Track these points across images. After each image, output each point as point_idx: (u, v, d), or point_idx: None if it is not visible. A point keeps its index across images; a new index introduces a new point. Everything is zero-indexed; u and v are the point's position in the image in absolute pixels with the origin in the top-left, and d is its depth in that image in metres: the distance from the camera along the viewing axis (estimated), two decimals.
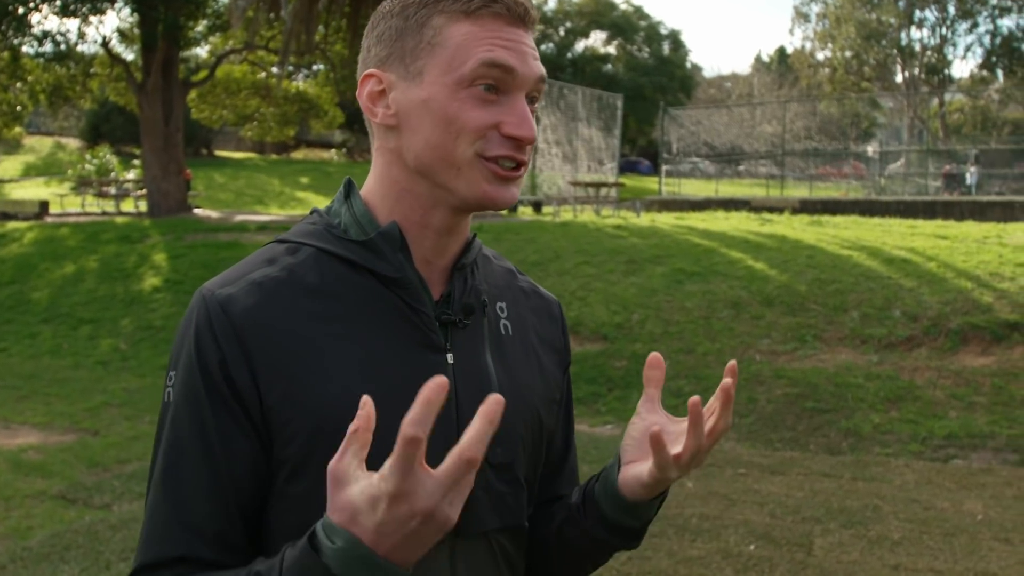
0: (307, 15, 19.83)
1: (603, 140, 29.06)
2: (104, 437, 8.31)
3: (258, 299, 1.20)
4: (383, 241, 1.24)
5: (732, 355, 9.53)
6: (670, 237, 14.29)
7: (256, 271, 1.24)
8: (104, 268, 16.48)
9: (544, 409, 1.38)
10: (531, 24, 1.24)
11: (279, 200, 36.04)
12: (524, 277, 1.48)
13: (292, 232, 1.30)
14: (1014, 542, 5.44)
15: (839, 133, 44.45)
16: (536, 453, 1.37)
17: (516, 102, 1.21)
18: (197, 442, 1.18)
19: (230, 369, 1.17)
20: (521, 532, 1.35)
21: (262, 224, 19.49)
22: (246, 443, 1.18)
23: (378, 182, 1.29)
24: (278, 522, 1.21)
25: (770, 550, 5.29)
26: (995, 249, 11.99)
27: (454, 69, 1.19)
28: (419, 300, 1.25)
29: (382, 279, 1.24)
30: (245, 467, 1.18)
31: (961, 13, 49.43)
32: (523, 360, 1.36)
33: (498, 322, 1.35)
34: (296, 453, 1.18)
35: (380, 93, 1.25)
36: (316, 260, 1.25)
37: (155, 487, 1.20)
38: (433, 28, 1.21)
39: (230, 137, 54.84)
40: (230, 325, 1.18)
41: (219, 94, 29.86)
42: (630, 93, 43.53)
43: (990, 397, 8.26)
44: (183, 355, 1.21)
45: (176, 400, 1.20)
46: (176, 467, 1.18)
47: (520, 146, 1.21)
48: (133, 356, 12.35)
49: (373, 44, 1.27)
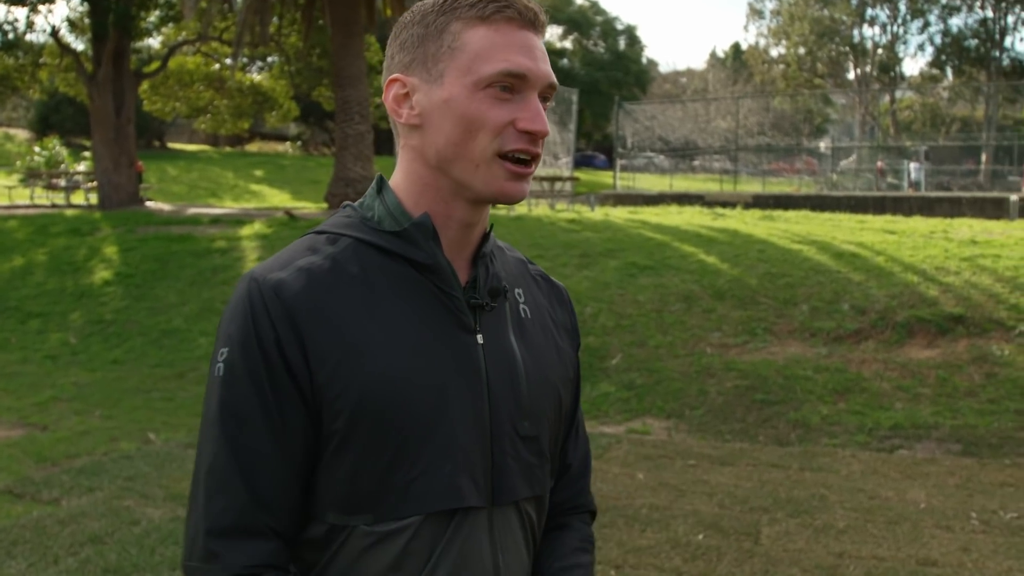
0: (261, 6, 19.68)
1: (558, 134, 29.09)
2: (53, 432, 8.22)
3: (307, 284, 1.30)
4: (417, 231, 1.35)
5: (684, 348, 9.63)
6: (623, 231, 14.38)
7: (302, 259, 1.34)
8: (53, 261, 16.26)
9: (563, 386, 1.50)
10: (541, 28, 1.36)
11: (233, 193, 35.72)
12: (534, 266, 1.60)
13: (329, 224, 1.41)
14: (955, 529, 5.56)
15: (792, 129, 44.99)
16: (556, 427, 1.49)
17: (530, 100, 1.32)
18: (259, 414, 1.27)
19: (284, 348, 1.27)
20: (544, 501, 1.47)
21: (215, 217, 19.32)
22: (300, 417, 1.28)
23: (403, 177, 1.40)
24: (326, 492, 1.31)
25: (718, 539, 5.37)
26: (941, 244, 12.21)
27: (473, 72, 1.30)
28: (450, 285, 1.36)
29: (416, 266, 1.35)
30: (299, 438, 1.29)
31: (912, 12, 50.08)
32: (543, 341, 1.48)
33: (518, 306, 1.47)
34: (343, 427, 1.28)
35: (404, 96, 1.37)
36: (355, 250, 1.36)
37: (216, 454, 1.28)
38: (452, 34, 1.32)
39: (183, 129, 54.25)
40: (283, 308, 1.28)
41: (172, 86, 29.56)
42: (586, 88, 43.65)
43: (935, 389, 8.42)
44: (238, 334, 1.29)
45: (233, 376, 1.29)
46: (239, 436, 1.28)
47: (534, 140, 1.33)
48: (83, 350, 12.21)
49: (397, 51, 1.38)
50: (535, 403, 1.41)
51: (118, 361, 11.60)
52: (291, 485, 1.29)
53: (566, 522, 1.56)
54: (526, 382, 1.39)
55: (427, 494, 1.29)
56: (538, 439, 1.41)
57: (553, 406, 1.45)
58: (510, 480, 1.36)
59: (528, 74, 1.30)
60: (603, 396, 8.93)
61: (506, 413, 1.36)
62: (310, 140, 56.26)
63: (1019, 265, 10.70)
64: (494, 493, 1.35)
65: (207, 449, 1.29)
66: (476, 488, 1.33)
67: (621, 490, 6.29)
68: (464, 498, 1.31)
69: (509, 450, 1.36)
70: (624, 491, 6.25)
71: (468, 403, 1.33)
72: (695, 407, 8.48)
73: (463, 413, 1.32)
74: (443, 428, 1.30)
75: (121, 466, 6.91)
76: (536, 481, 1.41)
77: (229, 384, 1.28)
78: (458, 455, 1.31)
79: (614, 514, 5.73)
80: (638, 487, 6.38)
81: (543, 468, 1.43)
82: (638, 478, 6.59)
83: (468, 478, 1.32)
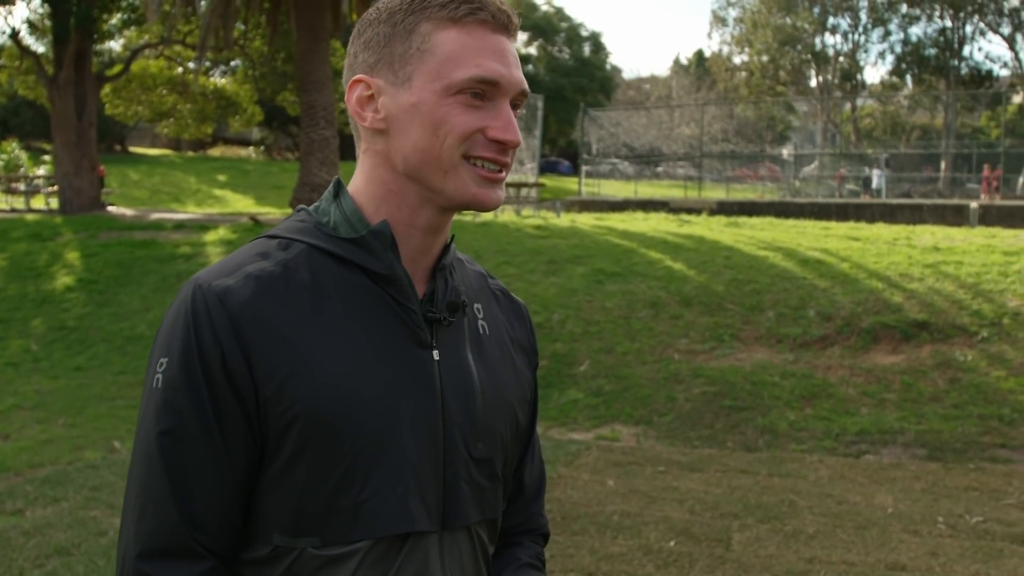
0: (225, 10, 19.52)
1: (524, 140, 29.10)
2: (15, 441, 8.10)
3: (254, 292, 1.23)
4: (374, 239, 1.28)
5: (651, 354, 9.66)
6: (590, 237, 14.41)
7: (251, 264, 1.27)
8: (14, 267, 16.03)
9: (519, 407, 1.43)
10: (514, 32, 1.30)
11: (196, 198, 35.41)
12: (495, 281, 1.53)
13: (281, 228, 1.34)
14: (922, 534, 5.62)
15: (755, 136, 45.30)
16: (512, 449, 1.43)
17: (502, 108, 1.27)
18: (197, 430, 1.21)
19: (228, 361, 1.20)
20: (496, 524, 1.41)
21: (179, 222, 19.15)
22: (243, 433, 1.22)
23: (366, 183, 1.33)
24: (272, 512, 1.25)
25: (690, 545, 5.38)
26: (904, 251, 12.35)
27: (443, 76, 1.24)
28: (407, 297, 1.30)
29: (372, 276, 1.28)
30: (241, 455, 1.22)
31: (873, 21, 50.65)
32: (500, 359, 1.41)
33: (476, 322, 1.41)
34: (289, 444, 1.22)
35: (369, 98, 1.30)
36: (308, 256, 1.28)
37: (148, 471, 1.22)
38: (421, 35, 1.26)
39: (145, 133, 53.75)
40: (228, 317, 1.21)
41: (135, 89, 29.31)
42: (551, 94, 43.79)
43: (900, 394, 8.51)
44: (178, 344, 1.22)
45: (172, 388, 1.22)
46: (174, 454, 1.21)
47: (504, 149, 1.27)
48: (45, 357, 12.04)
49: (360, 50, 1.31)
50: (490, 424, 1.34)
51: (81, 368, 11.46)
52: (230, 504, 1.22)
53: (518, 541, 1.51)
54: (482, 402, 1.33)
55: (377, 517, 1.23)
56: (491, 461, 1.35)
57: (508, 427, 1.39)
58: (462, 504, 1.30)
59: (501, 81, 1.24)
60: (571, 403, 8.94)
61: (460, 434, 1.30)
62: (273, 145, 55.91)
63: (980, 272, 10.85)
64: (445, 517, 1.29)
65: (139, 466, 1.23)
66: (427, 512, 1.27)
67: (592, 497, 6.30)
68: (416, 522, 1.25)
69: (462, 473, 1.30)
70: (595, 498, 6.25)
71: (421, 422, 1.27)
72: (663, 413, 8.51)
73: (416, 432, 1.26)
74: (394, 447, 1.24)
75: (86, 476, 6.82)
76: (488, 505, 1.36)
77: (166, 398, 1.21)
78: (410, 476, 1.25)
79: (585, 521, 5.74)
80: (608, 494, 6.39)
81: (495, 491, 1.38)
82: (608, 485, 6.60)
83: (419, 501, 1.26)
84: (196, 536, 1.20)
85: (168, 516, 1.19)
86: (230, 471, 1.21)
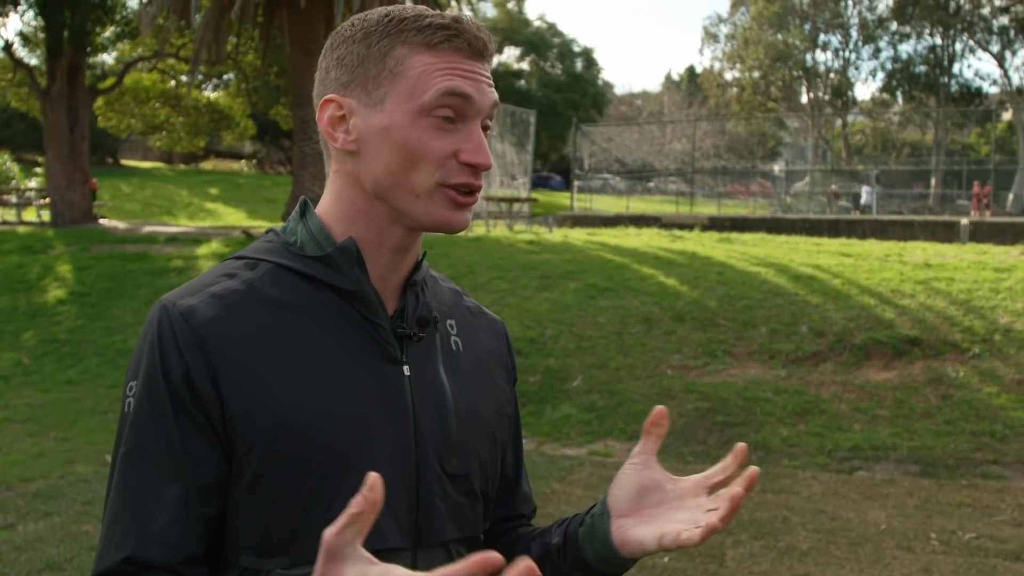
0: (218, 24, 19.54)
1: (516, 155, 29.17)
2: (7, 455, 8.07)
3: (219, 311, 1.23)
4: (340, 256, 1.27)
5: (644, 370, 9.67)
6: (583, 253, 14.44)
7: (216, 284, 1.26)
8: (5, 279, 15.99)
9: (496, 423, 1.41)
10: (489, 57, 1.29)
11: (188, 211, 35.37)
12: (469, 298, 1.54)
13: (249, 249, 1.33)
14: (915, 550, 5.63)
15: (747, 152, 45.51)
16: (491, 466, 1.40)
17: (472, 130, 1.26)
18: (162, 450, 1.19)
19: (193, 378, 1.19)
20: (478, 543, 1.38)
21: (171, 236, 19.13)
22: (210, 451, 1.20)
23: (334, 202, 1.32)
24: (240, 533, 1.23)
25: (684, 562, 5.38)
26: (896, 267, 12.39)
27: (415, 98, 1.23)
28: (375, 313, 1.29)
29: (340, 293, 1.28)
30: (209, 474, 1.20)
31: (864, 38, 50.92)
32: (474, 374, 1.40)
33: (449, 338, 1.40)
34: (256, 462, 1.20)
35: (340, 118, 1.28)
36: (275, 275, 1.28)
37: (116, 494, 1.21)
38: (395, 58, 1.24)
39: (137, 146, 53.67)
40: (192, 335, 1.20)
41: (127, 102, 29.29)
42: (543, 109, 43.85)
43: (892, 410, 8.53)
44: (144, 364, 1.22)
45: (139, 408, 1.21)
46: (140, 474, 1.20)
47: (476, 172, 1.26)
48: (36, 371, 12.00)
49: (333, 66, 1.30)
50: (465, 439, 1.33)
51: (73, 382, 11.42)
52: (195, 523, 1.19)
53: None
54: (455, 417, 1.32)
55: None
56: (467, 478, 1.33)
57: (485, 443, 1.37)
58: (437, 520, 1.28)
59: (472, 94, 1.24)
60: (564, 418, 8.95)
61: (433, 449, 1.29)
62: (265, 158, 55.89)
63: (972, 288, 10.89)
64: (419, 533, 1.27)
65: (112, 487, 1.22)
66: (399, 528, 1.25)
67: None
68: (385, 539, 1.22)
69: (436, 489, 1.28)
70: None
71: (391, 437, 1.25)
72: None
73: (385, 448, 1.25)
74: (363, 463, 1.19)
75: (78, 490, 6.79)
76: (466, 522, 1.33)
77: (134, 420, 1.21)
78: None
79: None
80: None
81: (474, 508, 1.35)
82: None
83: (390, 517, 1.22)
84: (162, 559, 1.17)
85: (130, 539, 1.17)
86: (198, 491, 1.19)
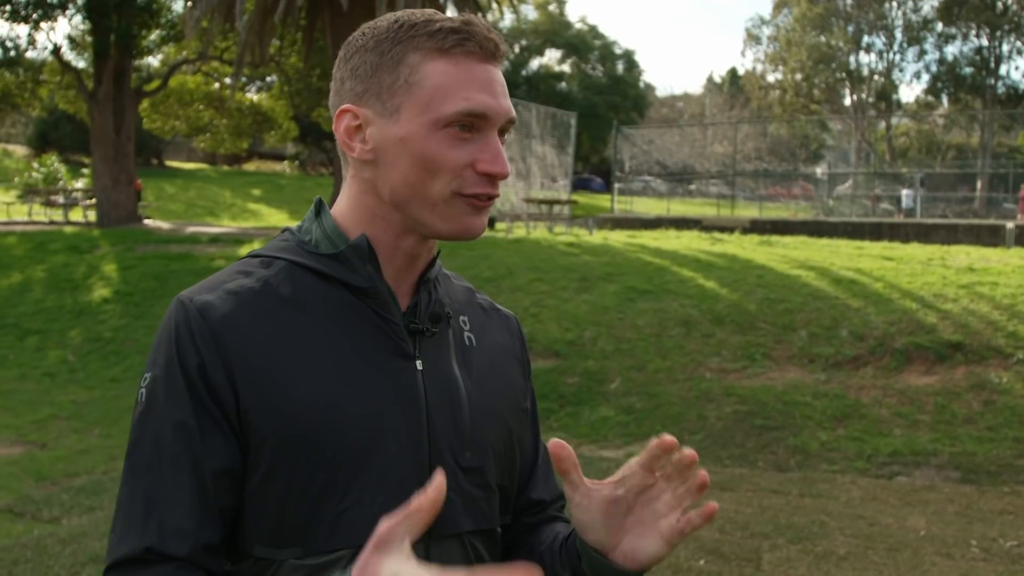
0: (262, 27, 19.76)
1: (556, 157, 29.20)
2: (52, 450, 8.21)
3: (234, 307, 1.26)
4: (353, 254, 1.30)
5: (683, 372, 9.64)
6: (622, 255, 14.42)
7: (232, 281, 1.29)
8: (52, 278, 16.26)
9: (512, 417, 1.43)
10: (501, 59, 1.31)
11: (231, 212, 35.77)
12: (482, 295, 1.54)
13: (265, 248, 1.37)
14: (955, 557, 5.58)
15: (788, 154, 45.20)
16: (508, 459, 1.41)
17: (490, 140, 1.28)
18: (178, 441, 1.22)
19: (208, 372, 1.22)
20: (494, 535, 1.39)
21: (214, 236, 19.35)
22: (225, 443, 1.23)
23: (350, 206, 1.35)
24: (253, 524, 1.25)
25: (720, 565, 5.37)
26: (939, 271, 12.25)
27: (432, 110, 1.25)
28: (388, 310, 1.31)
29: (353, 290, 1.30)
30: (224, 466, 1.23)
31: (908, 39, 50.38)
32: (488, 369, 1.42)
33: (462, 334, 1.41)
34: (269, 455, 1.23)
35: (356, 128, 1.30)
36: (289, 272, 1.31)
37: (131, 484, 1.23)
38: (409, 66, 1.26)
39: (181, 147, 54.31)
40: (208, 330, 1.23)
41: (172, 104, 29.67)
42: (584, 111, 43.82)
43: (933, 416, 8.44)
44: (162, 357, 1.25)
45: (155, 400, 1.24)
46: (156, 464, 1.22)
47: (493, 182, 1.28)
48: (81, 368, 12.20)
49: (348, 77, 1.32)
50: (479, 433, 1.34)
51: (116, 379, 11.59)
52: (210, 513, 1.21)
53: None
54: (469, 411, 1.33)
55: (358, 526, 1.21)
56: (482, 470, 1.34)
57: (501, 437, 1.39)
58: (450, 512, 1.27)
59: (489, 113, 1.26)
60: (602, 420, 8.95)
61: (446, 442, 1.30)
62: (308, 160, 56.35)
63: (1016, 292, 10.74)
64: (432, 525, 1.21)
65: (123, 480, 1.24)
66: None
67: None
68: None
69: (450, 482, 1.19)
70: None
71: (404, 431, 1.27)
72: (694, 432, 8.49)
73: (398, 441, 1.27)
74: (376, 457, 1.25)
75: None
76: (482, 515, 1.34)
77: (149, 411, 1.23)
78: (392, 486, 1.25)
79: None
80: None
81: (489, 501, 1.36)
82: None
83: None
84: (176, 550, 1.18)
85: (147, 530, 1.19)
86: (212, 482, 1.21)
